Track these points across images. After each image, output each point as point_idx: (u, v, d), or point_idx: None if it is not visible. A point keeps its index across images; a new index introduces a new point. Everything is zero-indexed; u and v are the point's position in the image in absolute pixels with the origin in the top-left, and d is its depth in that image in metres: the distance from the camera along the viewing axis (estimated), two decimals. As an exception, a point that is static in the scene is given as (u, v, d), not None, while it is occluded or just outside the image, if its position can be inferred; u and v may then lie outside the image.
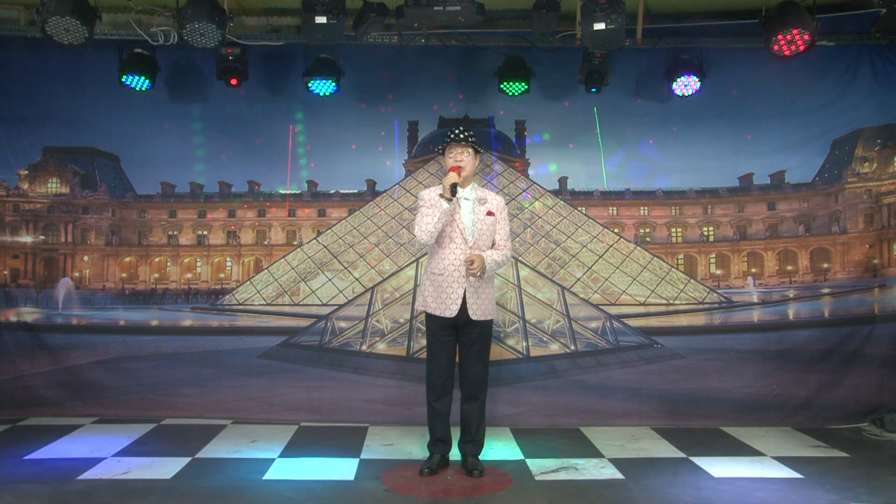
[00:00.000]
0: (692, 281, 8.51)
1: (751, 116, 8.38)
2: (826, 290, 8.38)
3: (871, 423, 7.71)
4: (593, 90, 7.91)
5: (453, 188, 5.67)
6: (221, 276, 8.59)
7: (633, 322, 8.30)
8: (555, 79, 8.31)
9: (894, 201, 8.25)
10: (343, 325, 8.30)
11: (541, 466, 6.23)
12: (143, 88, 7.82)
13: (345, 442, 6.97)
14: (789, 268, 8.50)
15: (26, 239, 8.44)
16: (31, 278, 8.42)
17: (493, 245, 5.96)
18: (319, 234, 8.59)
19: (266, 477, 5.92)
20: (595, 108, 8.40)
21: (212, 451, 6.67)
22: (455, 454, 6.12)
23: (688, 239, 8.65)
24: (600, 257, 8.48)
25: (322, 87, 7.90)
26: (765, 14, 7.13)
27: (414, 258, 8.37)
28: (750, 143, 8.39)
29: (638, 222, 8.64)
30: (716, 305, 8.48)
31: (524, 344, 8.14)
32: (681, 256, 8.63)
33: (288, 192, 8.56)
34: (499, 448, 6.79)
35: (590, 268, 8.46)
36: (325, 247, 8.54)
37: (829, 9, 7.71)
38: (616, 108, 8.41)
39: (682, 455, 6.63)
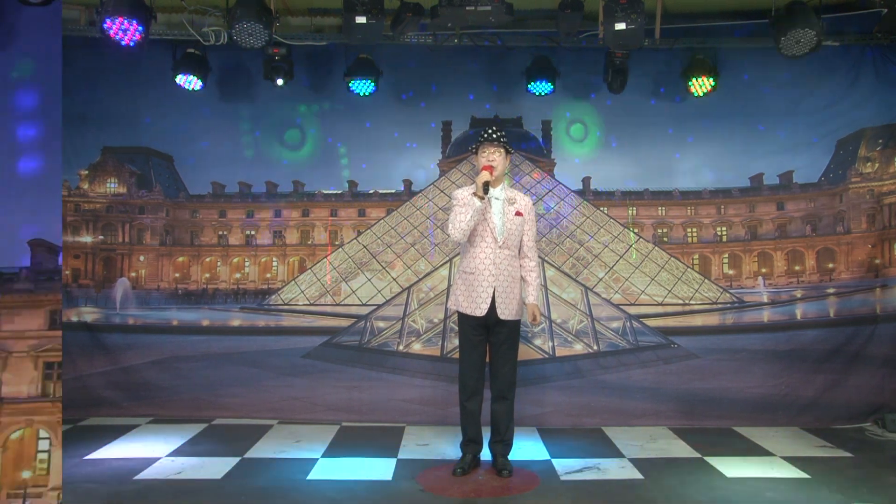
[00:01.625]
0: (706, 281, 8.58)
1: (761, 116, 8.46)
2: (831, 290, 8.45)
3: (873, 423, 7.88)
4: (614, 90, 8.02)
5: (486, 186, 5.79)
6: (268, 275, 8.68)
7: (650, 322, 8.40)
8: (577, 78, 8.44)
9: (895, 201, 8.40)
10: (381, 325, 8.43)
11: (566, 466, 6.43)
12: (196, 88, 7.95)
13: (383, 442, 7.19)
14: (797, 268, 8.58)
15: (86, 239, 8.51)
16: (90, 278, 8.47)
17: (520, 246, 6.08)
18: (359, 234, 8.68)
19: (310, 477, 6.14)
20: (615, 108, 8.49)
21: (259, 451, 6.91)
22: (486, 454, 6.30)
23: (702, 239, 8.70)
24: (621, 257, 8.57)
25: (362, 86, 8.05)
26: (774, 14, 7.23)
27: (447, 258, 8.50)
28: (760, 143, 8.48)
29: (656, 222, 8.71)
30: (728, 305, 8.55)
31: (550, 344, 8.26)
32: (696, 256, 8.68)
33: (330, 191, 8.71)
34: (527, 448, 6.97)
35: (611, 268, 8.55)
36: (364, 247, 8.66)
37: (833, 9, 7.78)
38: (635, 108, 8.48)
39: (697, 455, 6.82)
